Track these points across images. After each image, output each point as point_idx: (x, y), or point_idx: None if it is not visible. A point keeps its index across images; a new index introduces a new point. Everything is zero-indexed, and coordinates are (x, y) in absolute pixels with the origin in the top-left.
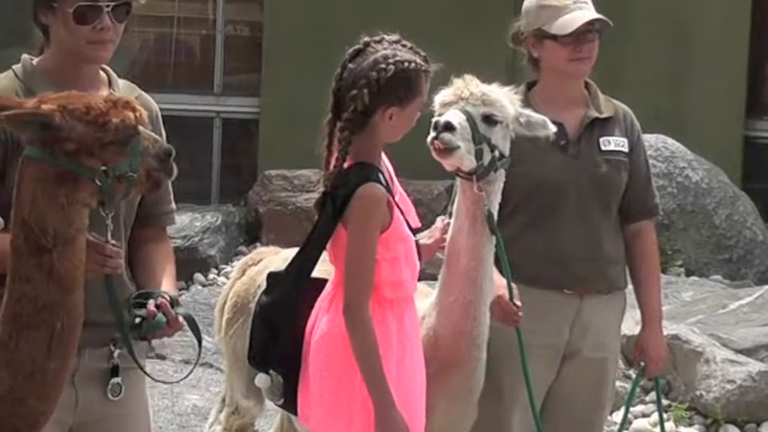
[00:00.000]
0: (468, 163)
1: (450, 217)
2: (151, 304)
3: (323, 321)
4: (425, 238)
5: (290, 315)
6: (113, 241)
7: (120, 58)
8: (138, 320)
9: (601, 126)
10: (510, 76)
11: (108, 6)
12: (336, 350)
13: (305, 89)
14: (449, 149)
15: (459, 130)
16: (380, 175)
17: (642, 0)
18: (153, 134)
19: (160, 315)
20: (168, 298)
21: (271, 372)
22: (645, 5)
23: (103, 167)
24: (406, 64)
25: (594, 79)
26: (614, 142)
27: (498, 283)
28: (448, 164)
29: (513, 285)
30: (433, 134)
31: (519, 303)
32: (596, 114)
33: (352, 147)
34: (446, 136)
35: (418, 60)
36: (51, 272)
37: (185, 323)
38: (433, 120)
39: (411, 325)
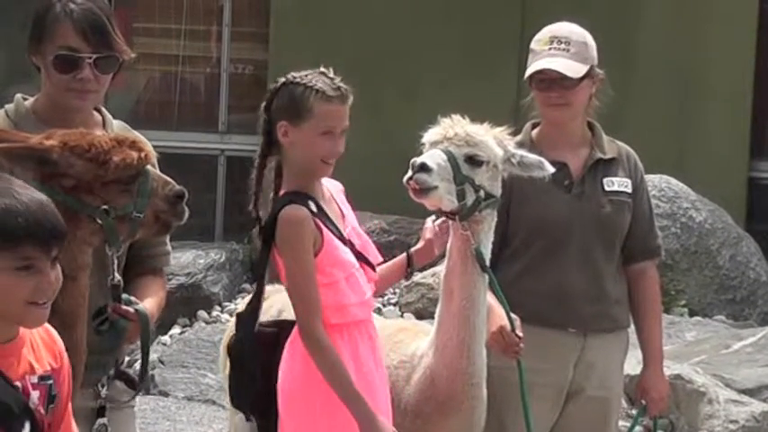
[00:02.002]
0: (448, 203)
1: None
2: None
3: (284, 362)
4: (420, 242)
5: (250, 355)
6: (119, 277)
7: (125, 96)
8: (104, 327)
9: (604, 167)
10: (515, 115)
11: (90, 58)
12: (295, 386)
13: None
14: (424, 190)
15: (438, 171)
16: (310, 202)
17: (647, 42)
18: (164, 176)
19: (119, 320)
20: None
21: (249, 414)
22: (650, 48)
23: (104, 206)
24: (298, 79)
25: (599, 120)
26: (618, 183)
27: (499, 313)
28: (427, 204)
29: (515, 316)
30: (409, 174)
31: (521, 334)
32: (600, 155)
33: (283, 178)
34: (421, 176)
35: (315, 82)
36: (55, 309)
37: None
38: (411, 160)
39: (369, 353)
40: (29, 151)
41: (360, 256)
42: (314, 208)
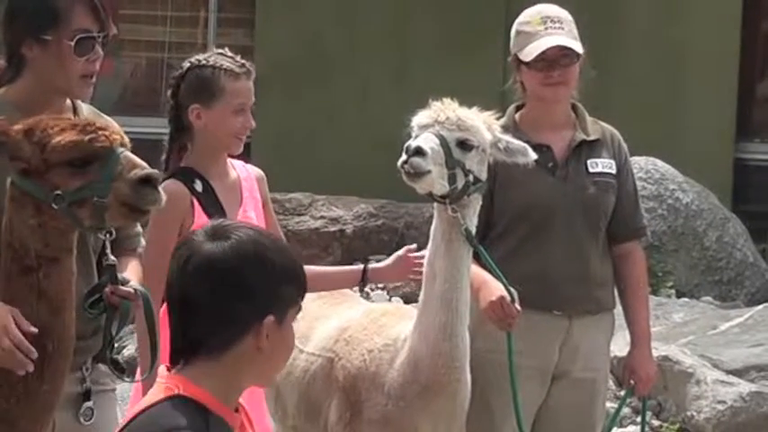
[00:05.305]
0: (440, 187)
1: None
2: (109, 291)
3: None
4: (383, 263)
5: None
6: (113, 258)
7: (112, 83)
8: (97, 310)
9: (588, 148)
10: (501, 98)
11: (99, 37)
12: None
13: (296, 114)
14: (418, 174)
15: (432, 155)
16: (197, 180)
17: (633, 23)
18: (136, 160)
19: (124, 302)
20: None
21: None
22: (635, 28)
23: (57, 191)
24: (204, 62)
25: (584, 102)
26: (602, 164)
27: (495, 285)
28: (419, 188)
29: (513, 290)
30: (403, 158)
31: (519, 308)
32: (584, 137)
33: (183, 158)
34: (415, 160)
35: (221, 62)
36: (40, 292)
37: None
38: (405, 143)
39: None
40: None
41: None
42: (199, 188)
